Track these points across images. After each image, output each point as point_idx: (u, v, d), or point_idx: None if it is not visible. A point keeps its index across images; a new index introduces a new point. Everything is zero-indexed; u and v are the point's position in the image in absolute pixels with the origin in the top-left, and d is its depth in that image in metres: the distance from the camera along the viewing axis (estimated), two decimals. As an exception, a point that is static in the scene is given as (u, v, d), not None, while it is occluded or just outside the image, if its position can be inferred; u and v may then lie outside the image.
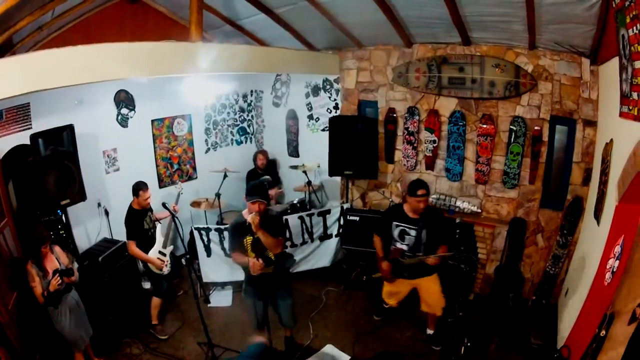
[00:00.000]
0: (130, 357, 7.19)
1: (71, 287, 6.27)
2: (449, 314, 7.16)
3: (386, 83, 9.66)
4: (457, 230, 7.00)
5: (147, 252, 7.47)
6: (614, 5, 4.63)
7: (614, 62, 5.23)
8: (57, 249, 6.31)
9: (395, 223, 6.82)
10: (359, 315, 8.42)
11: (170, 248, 7.83)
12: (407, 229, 6.72)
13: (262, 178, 10.19)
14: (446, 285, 7.06)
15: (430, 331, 7.45)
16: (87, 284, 7.25)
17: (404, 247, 6.72)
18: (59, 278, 5.81)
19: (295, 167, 10.40)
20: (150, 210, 7.78)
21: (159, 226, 7.83)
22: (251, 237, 6.13)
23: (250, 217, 5.91)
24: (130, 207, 7.49)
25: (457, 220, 6.68)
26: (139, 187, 7.40)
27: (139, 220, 7.46)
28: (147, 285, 8.45)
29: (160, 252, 7.62)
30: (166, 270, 7.66)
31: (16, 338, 5.54)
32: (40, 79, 5.26)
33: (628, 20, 4.06)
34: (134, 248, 7.37)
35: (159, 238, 7.70)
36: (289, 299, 6.90)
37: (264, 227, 6.02)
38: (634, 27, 3.92)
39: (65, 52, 5.45)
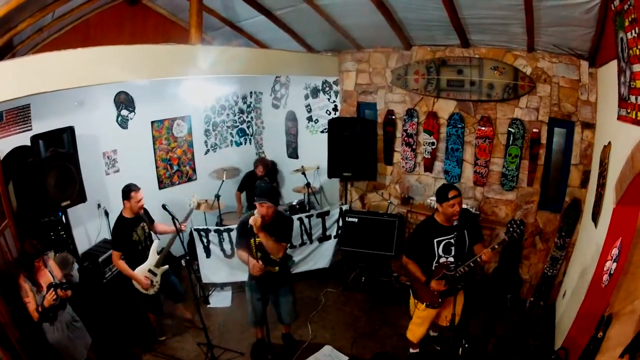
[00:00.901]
0: (131, 358, 7.22)
1: (66, 303, 6.08)
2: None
3: (385, 85, 9.70)
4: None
5: (135, 267, 7.00)
6: (612, 8, 4.65)
7: (613, 65, 5.25)
8: (50, 262, 6.14)
9: (437, 240, 6.12)
10: (358, 317, 8.45)
11: (164, 268, 7.29)
12: (451, 240, 6.03)
13: (258, 182, 10.23)
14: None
15: (434, 333, 7.40)
16: (87, 284, 7.27)
17: (451, 259, 6.14)
18: (53, 293, 5.59)
19: (297, 171, 10.43)
20: (147, 220, 7.28)
21: (156, 242, 7.32)
22: (257, 239, 6.14)
23: (252, 219, 5.91)
24: (120, 216, 7.03)
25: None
26: (130, 189, 6.92)
27: (127, 231, 6.98)
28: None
29: (150, 270, 7.13)
30: (152, 291, 7.18)
31: (17, 339, 5.54)
32: (40, 82, 5.27)
33: (627, 23, 4.08)
34: (117, 260, 6.90)
35: (153, 255, 7.18)
36: (290, 296, 6.95)
37: (271, 229, 6.08)
38: (633, 30, 3.93)
39: (66, 54, 5.46)
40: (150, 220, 7.37)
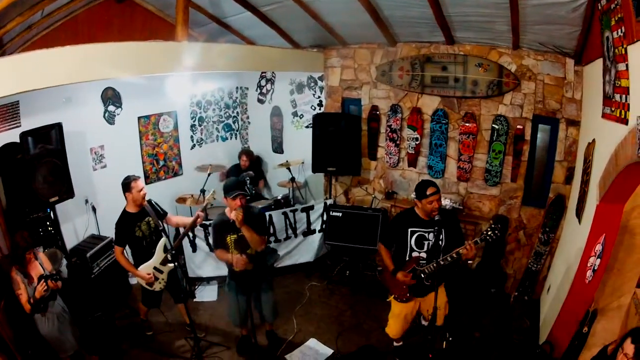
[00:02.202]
0: (119, 352, 7.22)
1: (56, 294, 6.10)
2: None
3: (370, 81, 9.76)
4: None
5: (141, 263, 6.73)
6: (599, 7, 4.73)
7: (598, 63, 5.33)
8: (40, 254, 6.14)
9: (411, 229, 6.04)
10: (342, 310, 8.51)
11: (170, 266, 6.90)
12: (425, 234, 6.01)
13: (243, 174, 10.23)
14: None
15: (424, 323, 7.23)
16: (75, 280, 7.29)
17: (423, 255, 6.04)
18: (44, 284, 5.62)
19: (282, 166, 10.41)
20: (154, 215, 6.79)
21: (164, 239, 6.79)
22: (234, 235, 6.14)
23: (233, 213, 5.90)
24: (123, 210, 6.71)
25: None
26: (129, 179, 6.58)
27: (129, 226, 6.64)
28: (134, 280, 8.33)
29: (156, 267, 6.80)
30: (157, 287, 6.93)
31: (10, 338, 5.56)
32: (29, 79, 5.29)
33: (613, 22, 4.16)
34: (118, 255, 6.72)
35: (159, 252, 6.77)
36: (270, 292, 6.97)
37: (248, 224, 6.03)
38: (619, 30, 4.01)
39: (54, 52, 5.46)
40: (163, 214, 7.07)
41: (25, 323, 5.83)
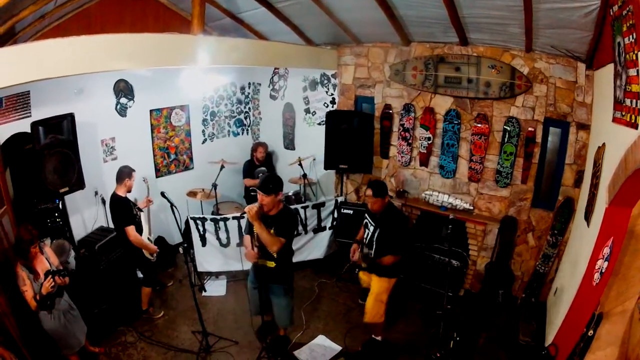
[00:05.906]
0: (125, 345, 7.21)
1: (63, 291, 6.03)
2: (437, 307, 7.34)
3: (383, 80, 9.72)
4: (450, 226, 6.99)
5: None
6: (611, 13, 4.71)
7: (609, 68, 5.31)
8: (46, 249, 6.08)
9: (366, 213, 7.10)
10: (351, 307, 8.52)
11: (152, 236, 8.06)
12: (368, 223, 6.96)
13: (257, 170, 10.27)
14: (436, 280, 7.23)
15: (378, 338, 7.42)
16: (83, 272, 7.32)
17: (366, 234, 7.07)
18: (51, 280, 5.54)
19: (294, 163, 10.43)
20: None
21: (142, 214, 7.83)
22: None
23: (247, 207, 5.92)
24: (118, 196, 7.40)
25: (451, 217, 6.75)
26: (132, 169, 7.53)
27: (131, 206, 7.48)
28: (140, 274, 8.36)
29: (148, 238, 7.76)
30: (155, 255, 7.84)
31: (17, 335, 5.56)
32: (41, 69, 5.27)
33: (624, 28, 4.14)
34: (134, 233, 7.29)
35: (146, 225, 7.82)
36: (283, 298, 6.79)
37: (274, 222, 6.11)
38: (630, 36, 3.99)
39: (67, 42, 5.47)
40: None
41: (30, 319, 5.74)
